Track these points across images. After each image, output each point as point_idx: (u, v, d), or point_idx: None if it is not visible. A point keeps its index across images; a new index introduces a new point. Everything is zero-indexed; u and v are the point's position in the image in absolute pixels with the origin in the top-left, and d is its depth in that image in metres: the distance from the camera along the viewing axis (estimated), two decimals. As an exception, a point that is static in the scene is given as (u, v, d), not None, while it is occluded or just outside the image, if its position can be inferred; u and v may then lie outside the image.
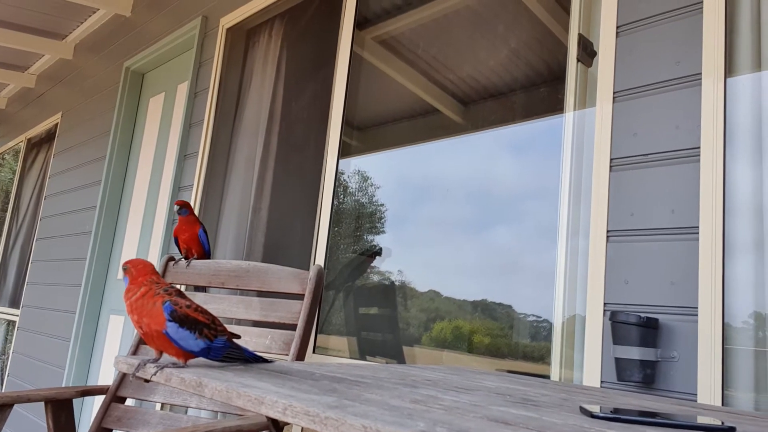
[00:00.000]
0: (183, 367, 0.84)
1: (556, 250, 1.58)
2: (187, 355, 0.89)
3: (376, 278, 2.36)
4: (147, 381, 0.84)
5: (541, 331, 1.73)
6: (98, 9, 4.35)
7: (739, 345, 1.24)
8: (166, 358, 0.90)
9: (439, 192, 2.25)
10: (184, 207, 2.14)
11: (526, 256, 1.94)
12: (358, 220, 2.47)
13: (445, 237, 2.19)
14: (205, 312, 0.92)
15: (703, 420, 0.70)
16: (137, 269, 0.94)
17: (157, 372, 0.83)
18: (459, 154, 2.25)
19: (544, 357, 1.67)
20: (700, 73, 1.35)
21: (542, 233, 1.80)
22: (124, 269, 0.94)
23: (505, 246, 1.99)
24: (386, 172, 2.48)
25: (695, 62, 1.37)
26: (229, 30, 3.02)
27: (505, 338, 1.91)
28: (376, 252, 2.35)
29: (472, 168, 2.17)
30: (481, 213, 2.10)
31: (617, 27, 1.51)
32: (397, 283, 2.25)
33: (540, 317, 1.76)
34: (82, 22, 4.65)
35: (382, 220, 2.40)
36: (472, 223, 2.11)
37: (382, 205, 2.42)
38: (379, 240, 2.39)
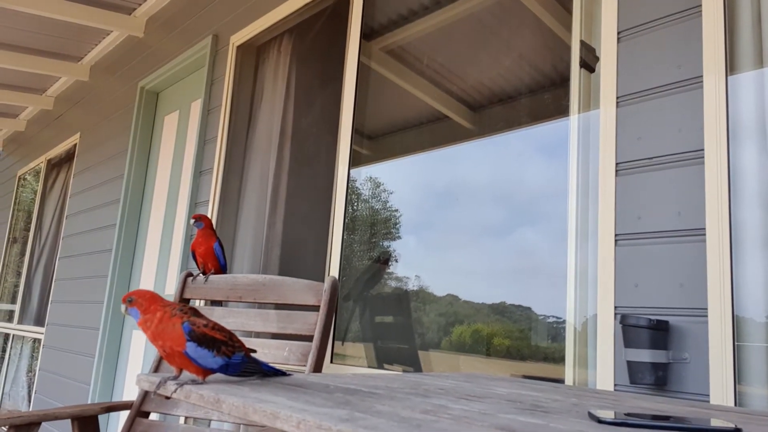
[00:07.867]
0: (202, 383, 0.88)
1: (567, 252, 1.60)
2: (206, 372, 0.92)
3: (392, 285, 2.39)
4: (168, 398, 0.87)
5: (559, 332, 1.74)
6: (112, 31, 4.45)
7: (752, 342, 1.24)
8: (186, 375, 0.93)
9: (452, 197, 2.27)
10: (200, 220, 2.12)
11: (540, 258, 1.95)
12: (373, 228, 2.49)
13: (460, 241, 2.21)
14: (222, 329, 0.95)
15: (715, 423, 0.71)
16: (145, 299, 0.94)
17: (177, 389, 0.86)
18: (470, 158, 2.27)
19: (562, 358, 1.68)
20: (701, 76, 1.36)
21: (555, 235, 1.81)
22: (130, 301, 0.93)
23: (521, 248, 2.01)
24: (398, 179, 2.51)
25: (696, 65, 1.38)
26: (239, 47, 3.08)
27: (523, 340, 1.92)
28: (386, 258, 2.37)
29: (486, 172, 2.19)
30: (495, 216, 2.12)
31: (618, 33, 1.52)
32: (414, 289, 2.27)
33: (559, 318, 1.78)
34: (96, 44, 4.76)
35: (397, 225, 2.43)
36: (487, 227, 2.13)
37: (396, 211, 2.44)
38: (394, 246, 2.41)
